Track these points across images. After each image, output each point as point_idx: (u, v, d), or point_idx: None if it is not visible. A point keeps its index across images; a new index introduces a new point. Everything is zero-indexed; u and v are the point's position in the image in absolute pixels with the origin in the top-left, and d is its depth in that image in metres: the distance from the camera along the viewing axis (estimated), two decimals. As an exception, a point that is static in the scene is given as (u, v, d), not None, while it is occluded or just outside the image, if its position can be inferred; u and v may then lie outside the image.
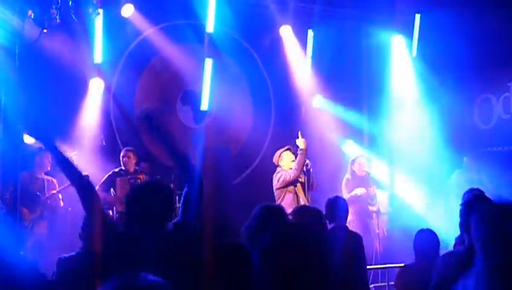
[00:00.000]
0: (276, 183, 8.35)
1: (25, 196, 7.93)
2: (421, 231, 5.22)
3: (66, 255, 4.63)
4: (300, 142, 8.24)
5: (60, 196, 8.27)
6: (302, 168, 8.23)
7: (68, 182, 7.77)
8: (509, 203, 2.91)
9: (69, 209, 8.27)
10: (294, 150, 8.39)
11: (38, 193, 8.12)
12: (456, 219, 4.15)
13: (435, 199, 9.61)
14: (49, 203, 8.19)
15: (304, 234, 2.23)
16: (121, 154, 8.83)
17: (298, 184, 8.34)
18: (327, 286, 2.12)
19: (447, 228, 5.35)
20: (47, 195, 8.19)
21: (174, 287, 1.87)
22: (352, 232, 5.92)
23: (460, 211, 3.73)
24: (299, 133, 8.38)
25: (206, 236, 3.69)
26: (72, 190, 4.38)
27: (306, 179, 8.32)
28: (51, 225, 8.33)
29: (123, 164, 8.74)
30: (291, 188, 8.28)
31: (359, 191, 8.92)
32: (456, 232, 5.06)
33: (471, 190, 5.64)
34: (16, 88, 8.11)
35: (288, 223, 4.10)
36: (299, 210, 5.15)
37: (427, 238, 5.10)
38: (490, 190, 8.24)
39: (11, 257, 3.72)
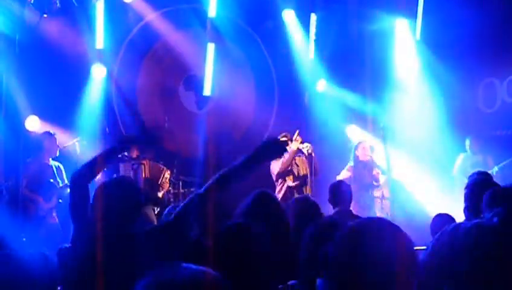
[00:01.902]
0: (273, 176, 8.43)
1: (39, 185, 7.86)
2: (439, 216, 5.17)
3: (67, 246, 4.62)
4: (293, 144, 8.24)
5: None
6: (286, 167, 8.25)
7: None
8: None
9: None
10: (290, 136, 8.37)
11: (52, 181, 8.03)
12: (460, 203, 4.11)
13: (439, 184, 9.59)
14: (64, 191, 8.08)
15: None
16: None
17: (291, 176, 8.38)
18: None
19: (451, 212, 5.32)
20: (60, 183, 8.09)
21: None
22: (356, 216, 5.91)
23: (466, 194, 3.69)
24: (297, 133, 8.35)
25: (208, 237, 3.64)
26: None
27: (308, 165, 8.31)
28: (67, 215, 8.27)
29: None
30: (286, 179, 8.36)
31: (342, 175, 8.86)
32: (458, 216, 5.05)
33: (477, 173, 5.60)
34: (18, 75, 8.09)
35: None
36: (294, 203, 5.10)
37: (445, 223, 5.04)
38: (496, 174, 8.23)
39: (13, 243, 3.71)
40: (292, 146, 8.19)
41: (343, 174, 8.89)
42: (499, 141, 9.90)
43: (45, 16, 7.91)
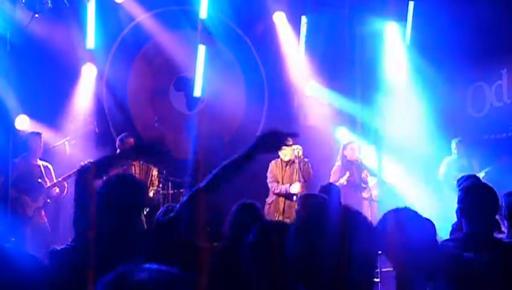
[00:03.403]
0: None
1: (26, 184, 7.84)
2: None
3: (59, 248, 4.61)
4: (294, 187, 8.32)
5: (66, 184, 8.18)
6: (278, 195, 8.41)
7: (72, 171, 7.82)
8: None
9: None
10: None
11: (39, 180, 8.01)
12: (447, 206, 4.15)
13: (427, 186, 9.64)
14: (52, 191, 8.07)
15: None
16: (124, 139, 8.67)
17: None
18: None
19: (438, 215, 5.37)
20: (48, 183, 8.07)
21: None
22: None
23: (460, 197, 3.73)
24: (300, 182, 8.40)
25: (199, 234, 3.68)
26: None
27: (298, 166, 8.34)
28: (56, 214, 8.26)
29: (123, 149, 8.59)
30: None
31: (343, 180, 8.90)
32: (446, 219, 5.09)
33: (469, 176, 5.67)
34: (8, 74, 8.07)
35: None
36: (303, 199, 5.24)
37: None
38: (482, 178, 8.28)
39: (2, 243, 3.70)
40: (293, 189, 8.27)
41: (342, 179, 8.93)
42: (487, 144, 9.97)
43: (37, 15, 7.89)
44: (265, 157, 8.69)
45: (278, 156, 8.59)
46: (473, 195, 3.65)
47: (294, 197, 8.29)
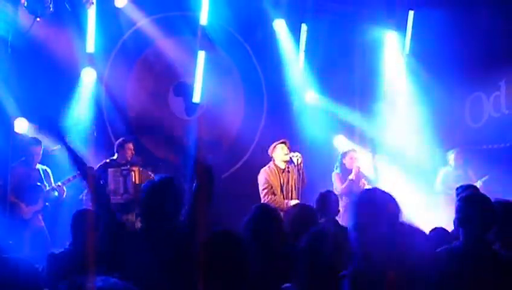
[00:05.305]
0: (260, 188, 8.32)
1: (23, 190, 7.84)
2: (435, 230, 5.22)
3: (56, 251, 4.63)
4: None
5: (64, 188, 8.17)
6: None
7: (71, 175, 7.85)
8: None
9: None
10: (289, 144, 8.38)
11: (38, 184, 8.01)
12: (443, 216, 4.16)
13: (424, 196, 9.66)
14: (50, 195, 8.07)
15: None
16: (124, 144, 8.64)
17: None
18: None
19: (436, 224, 5.38)
20: (48, 186, 8.08)
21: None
22: (342, 226, 5.95)
23: (458, 206, 3.76)
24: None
25: (199, 232, 3.75)
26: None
27: (296, 173, 8.29)
28: (54, 218, 8.26)
29: (122, 154, 8.58)
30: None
31: (351, 176, 8.92)
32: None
33: (467, 186, 5.70)
34: (8, 77, 8.08)
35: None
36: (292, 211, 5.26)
37: (442, 237, 5.09)
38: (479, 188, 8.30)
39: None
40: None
41: (337, 182, 8.91)
42: (484, 155, 10.00)
43: (38, 19, 7.90)
44: (261, 162, 8.71)
45: (272, 161, 8.47)
46: (471, 205, 3.67)
47: None
